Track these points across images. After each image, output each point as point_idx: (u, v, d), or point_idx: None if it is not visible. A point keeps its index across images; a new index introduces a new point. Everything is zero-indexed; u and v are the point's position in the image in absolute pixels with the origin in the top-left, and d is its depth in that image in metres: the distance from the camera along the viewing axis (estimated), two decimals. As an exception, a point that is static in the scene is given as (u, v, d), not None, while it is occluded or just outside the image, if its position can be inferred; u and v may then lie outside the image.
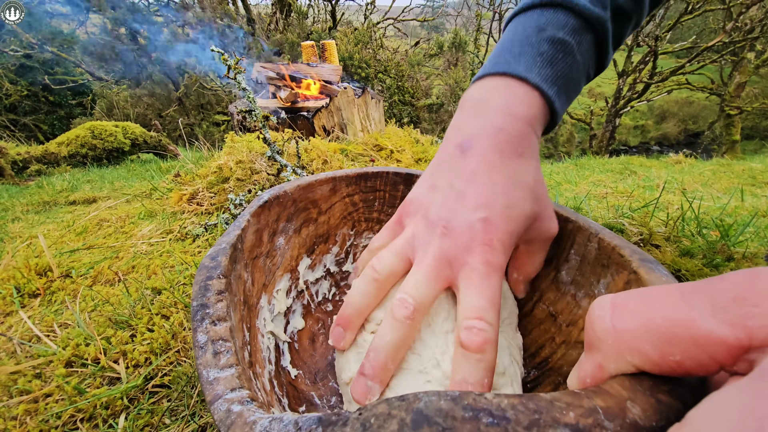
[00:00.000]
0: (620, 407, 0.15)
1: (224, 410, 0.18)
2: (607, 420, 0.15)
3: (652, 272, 0.27)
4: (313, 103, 1.81)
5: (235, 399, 0.19)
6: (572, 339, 0.34)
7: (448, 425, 0.14)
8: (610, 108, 7.33)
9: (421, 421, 0.14)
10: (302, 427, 0.16)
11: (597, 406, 0.15)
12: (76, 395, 0.43)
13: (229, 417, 0.18)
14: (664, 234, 0.67)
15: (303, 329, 0.41)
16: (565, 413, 0.15)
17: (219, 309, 0.25)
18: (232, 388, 0.20)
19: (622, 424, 0.15)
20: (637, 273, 0.27)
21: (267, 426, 0.16)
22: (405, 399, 0.16)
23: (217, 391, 0.19)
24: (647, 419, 0.15)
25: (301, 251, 0.43)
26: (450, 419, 0.14)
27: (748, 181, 1.91)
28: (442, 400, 0.15)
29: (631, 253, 0.29)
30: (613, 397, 0.16)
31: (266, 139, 0.93)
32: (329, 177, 0.44)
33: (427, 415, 0.14)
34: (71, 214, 1.16)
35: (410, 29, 12.10)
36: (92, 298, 0.63)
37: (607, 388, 0.17)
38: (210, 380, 0.20)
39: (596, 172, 2.15)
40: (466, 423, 0.14)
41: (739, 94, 6.24)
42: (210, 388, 0.20)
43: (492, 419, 0.14)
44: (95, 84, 6.41)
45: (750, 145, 8.75)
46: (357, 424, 0.15)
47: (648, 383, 0.17)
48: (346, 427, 0.15)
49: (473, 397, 0.15)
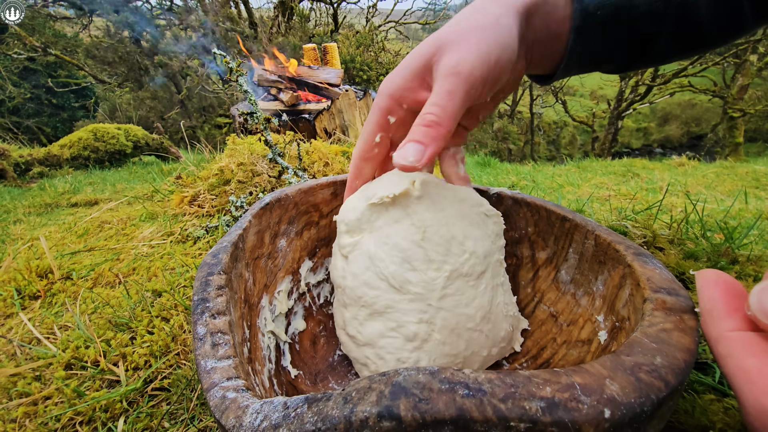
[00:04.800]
0: (599, 384, 0.16)
1: (219, 397, 0.19)
2: (584, 395, 0.15)
3: (646, 265, 0.27)
4: (315, 106, 1.81)
5: (231, 387, 0.19)
6: (573, 338, 0.34)
7: (424, 396, 0.15)
8: (612, 110, 7.33)
9: (398, 393, 0.15)
10: (290, 405, 0.17)
11: (575, 383, 0.16)
12: (76, 398, 0.42)
13: (223, 403, 0.18)
14: (668, 236, 0.66)
15: (304, 331, 0.41)
16: (542, 388, 0.15)
17: (219, 303, 0.25)
18: (228, 377, 0.20)
19: (599, 399, 0.15)
20: (631, 266, 0.28)
21: (258, 408, 0.17)
22: (386, 374, 0.16)
23: (214, 380, 0.20)
24: (626, 396, 0.15)
25: (303, 254, 0.43)
26: (427, 391, 0.15)
27: (751, 184, 1.90)
28: (420, 374, 0.15)
29: (626, 248, 0.30)
30: (592, 375, 0.16)
31: (268, 141, 0.93)
32: (330, 181, 0.44)
33: (405, 387, 0.15)
34: (73, 216, 1.16)
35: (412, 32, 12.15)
36: (92, 300, 0.63)
37: (587, 367, 0.17)
38: (207, 369, 0.21)
39: (599, 174, 2.15)
40: (443, 394, 0.15)
41: (741, 97, 6.23)
42: (207, 376, 0.20)
43: (468, 391, 0.15)
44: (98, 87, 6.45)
45: (753, 148, 8.73)
46: (339, 399, 0.16)
47: (630, 363, 0.17)
48: (330, 401, 0.16)
49: (451, 372, 0.16)
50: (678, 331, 0.20)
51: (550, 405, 0.15)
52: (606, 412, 0.15)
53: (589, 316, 0.33)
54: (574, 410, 0.15)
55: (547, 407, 0.15)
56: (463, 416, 0.14)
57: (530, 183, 1.76)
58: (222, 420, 0.18)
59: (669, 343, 0.19)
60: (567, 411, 0.15)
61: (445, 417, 0.14)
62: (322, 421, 0.15)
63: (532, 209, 0.40)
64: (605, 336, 0.30)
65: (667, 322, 0.21)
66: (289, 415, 0.16)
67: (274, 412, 0.17)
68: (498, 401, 0.15)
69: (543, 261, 0.40)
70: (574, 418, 0.14)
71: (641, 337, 0.19)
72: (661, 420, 0.17)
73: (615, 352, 0.18)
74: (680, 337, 0.19)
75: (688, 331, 0.20)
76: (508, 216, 0.42)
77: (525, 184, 1.70)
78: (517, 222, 0.42)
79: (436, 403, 0.14)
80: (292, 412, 0.16)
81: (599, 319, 0.32)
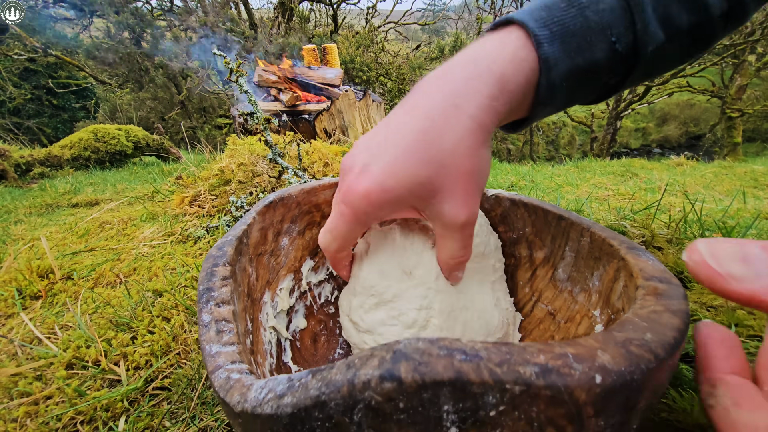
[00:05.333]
0: (590, 354, 0.16)
1: (224, 378, 0.19)
2: (576, 363, 0.16)
3: (639, 257, 0.28)
4: (315, 106, 1.82)
5: (235, 369, 0.20)
6: (570, 335, 0.35)
7: (424, 360, 0.15)
8: (611, 110, 7.34)
9: (399, 358, 0.15)
10: (294, 378, 0.17)
11: (568, 352, 0.16)
12: (77, 397, 0.43)
13: (228, 383, 0.19)
14: (666, 236, 0.67)
15: (305, 329, 0.41)
16: (536, 356, 0.16)
17: (223, 293, 0.26)
18: (232, 361, 0.21)
19: (591, 366, 0.16)
20: (624, 259, 0.28)
21: (263, 384, 0.18)
22: (387, 344, 0.17)
23: (218, 363, 0.21)
24: (616, 364, 0.16)
25: (305, 253, 0.43)
26: (426, 356, 0.15)
27: (750, 184, 1.91)
28: (420, 342, 0.16)
29: (620, 243, 0.30)
30: (584, 346, 0.17)
31: (268, 141, 0.93)
32: (333, 182, 0.44)
33: (405, 353, 0.16)
34: (73, 216, 1.17)
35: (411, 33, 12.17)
36: (93, 300, 0.63)
37: (580, 341, 0.17)
38: (212, 353, 0.21)
39: (597, 174, 2.15)
40: (441, 359, 0.15)
41: (740, 97, 6.24)
42: (212, 360, 0.21)
43: (465, 356, 0.15)
44: (99, 87, 6.46)
45: (752, 148, 8.73)
46: (342, 366, 0.16)
47: (621, 338, 0.18)
48: (333, 369, 0.16)
49: (449, 341, 0.16)
50: (668, 313, 0.20)
51: (544, 370, 0.15)
52: (597, 378, 0.15)
53: (585, 312, 0.34)
54: (567, 375, 0.15)
55: (540, 372, 0.15)
56: (461, 378, 0.15)
57: (529, 183, 1.76)
58: (227, 398, 0.18)
59: (659, 323, 0.19)
60: (560, 376, 0.15)
61: (444, 379, 0.15)
62: (326, 385, 0.16)
63: (529, 210, 0.40)
64: (601, 329, 0.30)
65: (657, 305, 0.21)
66: (293, 386, 0.17)
67: (278, 385, 0.17)
68: (494, 365, 0.15)
69: (541, 260, 0.40)
70: (566, 383, 0.15)
71: (632, 317, 0.20)
72: (653, 394, 0.18)
73: (607, 330, 0.19)
74: (670, 317, 0.20)
75: (678, 313, 0.20)
76: (506, 217, 0.42)
77: (524, 184, 1.71)
78: (515, 223, 0.42)
79: (434, 366, 0.15)
80: (296, 383, 0.17)
81: (595, 314, 0.32)
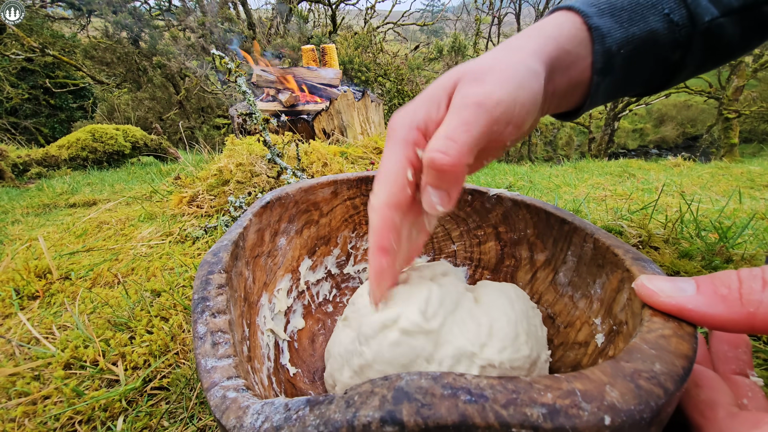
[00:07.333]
0: (599, 391, 0.16)
1: (220, 396, 0.19)
2: (585, 401, 0.15)
3: (644, 270, 0.27)
4: (313, 107, 1.82)
5: (231, 386, 0.19)
6: (570, 341, 0.34)
7: (427, 402, 0.15)
8: (608, 111, 7.36)
9: (401, 398, 0.15)
10: (291, 407, 0.17)
11: (575, 389, 0.16)
12: (75, 397, 0.43)
13: (224, 402, 0.18)
14: (663, 236, 0.67)
15: (303, 329, 0.41)
16: (543, 394, 0.15)
17: (219, 302, 0.26)
18: (228, 376, 0.20)
19: (599, 406, 0.15)
20: (629, 271, 0.28)
21: (259, 409, 0.17)
22: (388, 378, 0.16)
23: (214, 379, 0.20)
24: (625, 402, 0.16)
25: (303, 252, 0.43)
26: (429, 396, 0.15)
27: (746, 184, 1.92)
28: (423, 379, 0.15)
29: (625, 253, 0.30)
30: (593, 381, 0.16)
31: (266, 141, 0.93)
32: (331, 180, 0.44)
33: (407, 392, 0.15)
34: (71, 216, 1.16)
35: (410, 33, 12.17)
36: (91, 300, 0.63)
37: (588, 373, 0.17)
38: (208, 368, 0.21)
39: (595, 175, 2.16)
40: (445, 400, 0.15)
41: (737, 98, 6.27)
42: (207, 376, 0.20)
43: (470, 397, 0.15)
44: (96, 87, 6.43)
45: (748, 148, 8.77)
46: (341, 402, 0.16)
47: (630, 370, 0.17)
48: (332, 404, 0.16)
49: (453, 377, 0.16)
50: (676, 338, 0.20)
51: (552, 411, 0.15)
52: (606, 419, 0.15)
53: (586, 318, 0.33)
54: (575, 417, 0.15)
55: (548, 414, 0.15)
56: (466, 422, 0.14)
57: (527, 183, 1.77)
58: (222, 420, 0.18)
59: (667, 350, 0.19)
60: (568, 418, 0.15)
61: (448, 423, 0.14)
62: (324, 424, 0.15)
63: (531, 211, 0.40)
64: (602, 339, 0.30)
65: (665, 328, 0.21)
66: (290, 417, 0.16)
67: (275, 413, 0.17)
68: (500, 407, 0.15)
69: (541, 263, 0.40)
70: (575, 425, 0.15)
71: (640, 343, 0.20)
72: (659, 426, 0.17)
73: (615, 357, 0.18)
74: (678, 343, 0.20)
75: (686, 337, 0.20)
76: (508, 218, 0.42)
77: (522, 185, 1.71)
78: (516, 224, 0.42)
79: (438, 408, 0.14)
80: (293, 414, 0.16)
81: (596, 322, 0.32)
